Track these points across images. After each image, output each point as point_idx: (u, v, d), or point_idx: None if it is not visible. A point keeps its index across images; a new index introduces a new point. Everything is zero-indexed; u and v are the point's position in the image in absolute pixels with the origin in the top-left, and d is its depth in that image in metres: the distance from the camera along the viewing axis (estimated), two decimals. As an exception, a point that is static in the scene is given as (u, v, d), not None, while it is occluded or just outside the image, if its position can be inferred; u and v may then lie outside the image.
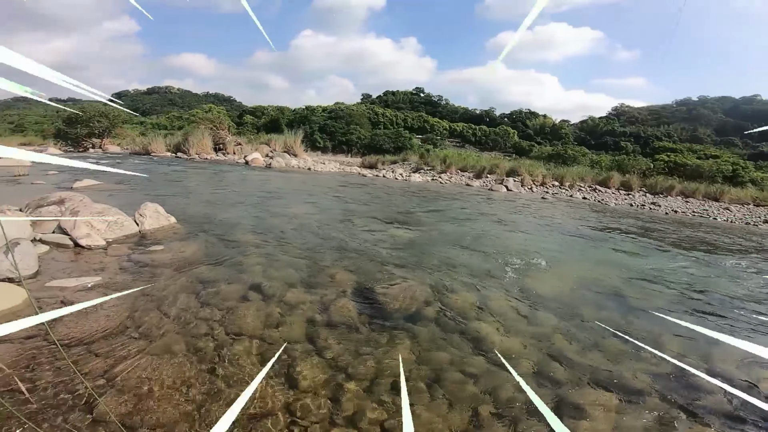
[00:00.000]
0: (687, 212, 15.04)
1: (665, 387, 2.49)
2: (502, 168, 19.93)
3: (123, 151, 23.18)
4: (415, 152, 25.00)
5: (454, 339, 2.83)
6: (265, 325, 2.70)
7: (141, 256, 3.67)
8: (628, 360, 2.78)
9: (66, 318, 2.46)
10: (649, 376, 2.60)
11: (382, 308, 3.18)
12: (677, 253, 6.53)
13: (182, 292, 2.99)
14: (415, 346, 2.67)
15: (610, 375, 2.58)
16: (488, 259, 4.89)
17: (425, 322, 3.04)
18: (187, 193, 8.02)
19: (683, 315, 3.79)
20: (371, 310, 3.12)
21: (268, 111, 46.23)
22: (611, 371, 2.62)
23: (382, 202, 9.16)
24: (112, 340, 2.31)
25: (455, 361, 2.54)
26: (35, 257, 3.18)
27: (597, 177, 20.57)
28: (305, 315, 2.90)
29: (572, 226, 8.34)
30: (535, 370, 2.56)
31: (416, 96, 63.99)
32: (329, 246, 4.71)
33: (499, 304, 3.54)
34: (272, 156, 19.41)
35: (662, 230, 9.22)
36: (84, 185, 7.94)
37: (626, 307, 3.87)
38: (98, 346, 2.23)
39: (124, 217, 4.39)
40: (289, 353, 2.41)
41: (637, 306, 3.89)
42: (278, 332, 2.63)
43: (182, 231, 4.75)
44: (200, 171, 13.47)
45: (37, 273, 3.14)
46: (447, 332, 2.91)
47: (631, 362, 2.75)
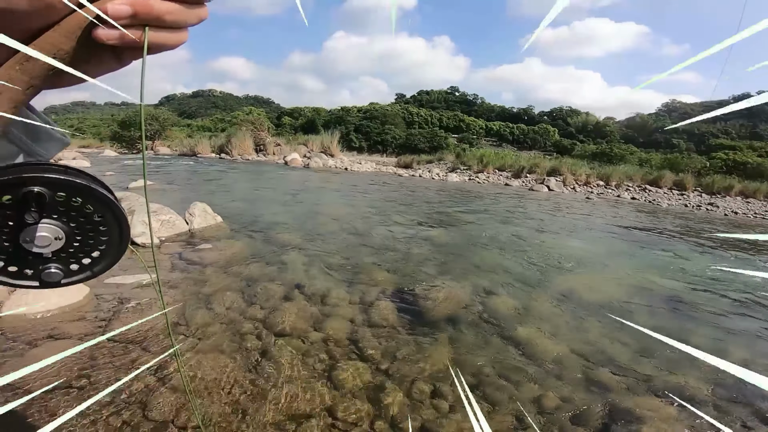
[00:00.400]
0: (748, 213, 13.90)
1: (725, 397, 2.32)
2: (543, 167, 19.23)
3: (172, 152, 24.53)
4: (451, 152, 24.67)
5: (495, 343, 2.76)
6: (307, 324, 2.75)
7: (191, 254, 3.86)
8: (684, 368, 2.62)
9: (125, 312, 2.62)
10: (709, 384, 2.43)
11: (422, 310, 3.15)
12: (739, 258, 6.02)
13: (229, 291, 3.10)
14: (455, 349, 2.63)
15: (665, 383, 2.44)
16: (529, 262, 4.73)
17: (465, 325, 2.98)
18: (232, 193, 8.36)
19: (742, 321, 3.50)
20: (410, 311, 3.10)
21: (304, 112, 47.32)
22: (666, 379, 2.49)
23: (419, 202, 9.11)
24: (164, 336, 2.42)
25: (496, 365, 2.48)
26: None
27: (647, 176, 19.39)
28: (346, 315, 2.93)
29: (620, 228, 7.90)
30: (584, 375, 2.46)
31: (451, 95, 63.22)
32: (368, 245, 4.74)
33: (542, 309, 3.42)
34: (310, 156, 19.84)
35: (719, 233, 8.52)
36: (138, 185, 8.46)
37: (681, 314, 3.63)
38: (150, 343, 2.35)
39: (176, 216, 4.63)
40: (331, 354, 2.44)
41: (692, 313, 3.63)
42: (320, 333, 2.66)
43: (228, 230, 4.95)
44: (242, 171, 14.00)
45: None
46: (488, 336, 2.85)
47: (688, 370, 2.58)
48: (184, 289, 3.08)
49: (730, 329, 3.38)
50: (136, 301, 2.78)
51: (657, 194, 17.25)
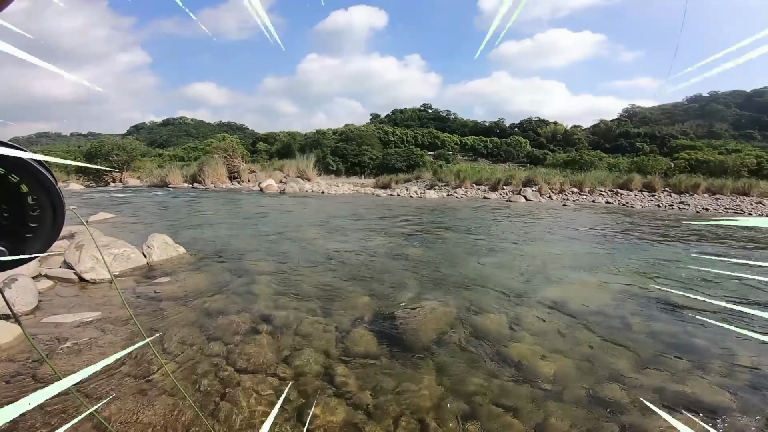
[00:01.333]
0: (719, 209, 14.34)
1: (744, 404, 2.14)
2: (518, 178, 19.54)
3: (142, 183, 23.75)
4: (428, 169, 24.81)
5: (486, 365, 2.52)
6: (277, 359, 2.44)
7: (146, 288, 3.50)
8: (692, 376, 2.44)
9: (59, 353, 2.27)
10: (724, 390, 2.26)
11: (404, 334, 2.89)
12: (719, 254, 6.03)
13: (186, 326, 2.77)
14: (443, 376, 2.37)
15: (676, 394, 2.24)
16: (516, 274, 4.56)
17: (452, 348, 2.74)
18: (200, 223, 7.94)
19: (738, 321, 3.38)
20: (391, 337, 2.84)
21: (280, 137, 47.08)
22: (677, 390, 2.29)
23: (398, 221, 8.91)
24: (106, 379, 2.09)
25: (492, 390, 2.23)
26: (34, 293, 3.10)
27: (617, 180, 19.98)
28: (320, 347, 2.64)
29: (599, 233, 7.90)
30: (587, 393, 2.25)
31: (424, 112, 64.40)
32: (344, 270, 4.47)
33: (533, 323, 3.22)
34: (286, 182, 19.52)
35: (691, 231, 8.65)
36: (99, 219, 7.97)
37: (675, 316, 3.49)
38: (89, 384, 2.01)
39: (131, 249, 4.25)
40: (303, 391, 2.15)
41: (686, 316, 3.49)
42: (291, 367, 2.36)
43: (192, 261, 4.59)
44: (214, 200, 13.55)
45: (35, 309, 3.04)
46: (478, 358, 2.61)
47: (697, 378, 2.40)
48: (133, 326, 2.72)
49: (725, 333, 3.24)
50: (74, 341, 2.43)
51: (629, 197, 17.67)
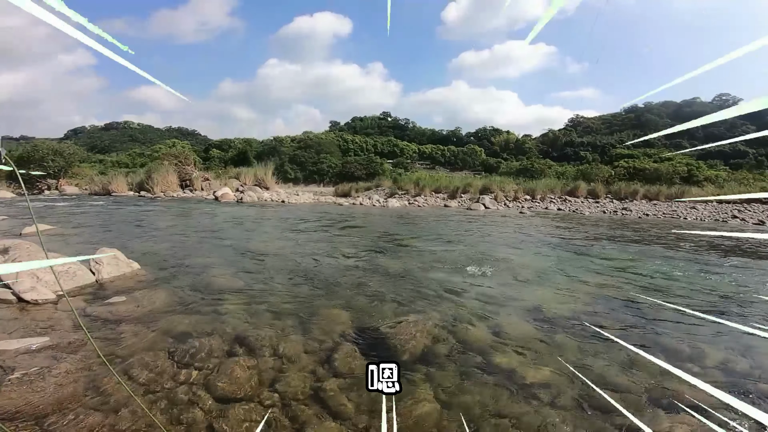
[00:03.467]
0: (658, 214, 15.54)
1: (722, 400, 2.26)
2: (475, 186, 20.17)
3: (81, 191, 21.85)
4: (388, 177, 24.95)
5: (477, 377, 2.48)
6: (259, 384, 2.24)
7: (99, 309, 3.10)
8: (671, 375, 2.52)
9: (7, 385, 1.93)
10: (707, 385, 2.36)
11: (391, 350, 2.77)
12: (667, 256, 6.49)
13: (152, 351, 2.47)
14: (437, 391, 2.29)
15: (663, 393, 2.33)
16: (488, 282, 4.60)
17: (441, 361, 2.67)
18: (152, 236, 7.35)
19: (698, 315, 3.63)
20: (379, 352, 2.72)
21: (235, 144, 45.35)
22: (664, 387, 2.38)
23: (364, 231, 8.80)
24: (69, 415, 1.80)
25: (486, 403, 2.19)
26: None
27: (565, 188, 21.22)
28: (305, 367, 2.45)
29: (560, 239, 8.26)
30: (579, 397, 2.26)
31: (384, 120, 64.92)
32: (318, 284, 4.26)
33: (515, 331, 3.23)
34: (243, 190, 18.78)
35: (642, 234, 9.31)
36: (34, 231, 7.14)
37: (642, 316, 3.68)
38: (46, 423, 1.72)
39: (77, 266, 3.80)
40: (294, 416, 1.98)
41: (651, 314, 3.70)
42: (276, 392, 2.17)
43: (148, 278, 4.18)
44: (165, 210, 12.69)
45: None
46: (468, 370, 2.55)
47: (676, 377, 2.50)
48: (91, 353, 2.39)
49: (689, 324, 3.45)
50: (23, 371, 2.07)
51: (577, 204, 18.80)
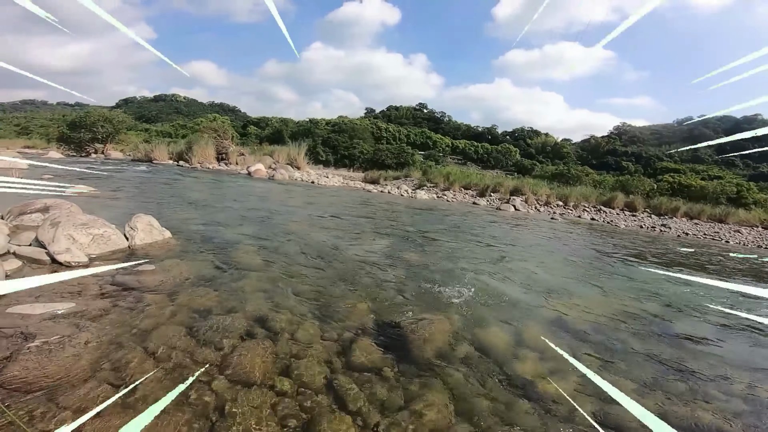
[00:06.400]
0: (698, 234, 14.66)
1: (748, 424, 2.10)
2: (506, 187, 19.61)
3: (125, 157, 22.90)
4: (418, 168, 24.66)
5: (494, 384, 2.40)
6: (275, 369, 2.22)
7: (127, 277, 3.17)
8: (694, 398, 2.44)
9: (26, 353, 1.98)
10: (725, 414, 2.20)
11: (409, 348, 2.71)
12: (708, 278, 6.05)
13: (174, 325, 2.50)
14: (452, 395, 2.22)
15: (679, 418, 2.19)
16: (513, 287, 4.44)
17: (459, 364, 2.58)
18: (186, 205, 7.56)
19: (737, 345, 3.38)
20: (396, 349, 2.65)
21: (272, 122, 46.12)
22: (681, 412, 2.26)
23: (391, 221, 8.71)
24: (81, 387, 1.83)
25: (501, 411, 2.13)
26: (0, 275, 2.69)
27: (601, 197, 20.26)
28: (321, 356, 2.42)
29: (592, 250, 7.89)
30: (596, 415, 2.19)
31: (419, 111, 64.18)
32: (341, 270, 4.23)
33: (535, 340, 3.11)
34: (275, 168, 19.05)
35: (678, 254, 8.76)
36: (77, 192, 7.49)
37: (671, 336, 3.46)
38: (61, 395, 1.75)
39: (113, 230, 3.91)
40: (306, 407, 1.95)
41: (683, 333, 3.47)
42: (291, 379, 2.15)
43: (177, 247, 4.27)
44: (202, 181, 13.07)
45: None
46: (485, 376, 2.48)
47: (699, 400, 2.39)
48: (114, 323, 2.44)
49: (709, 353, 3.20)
50: (44, 339, 2.10)
51: (612, 215, 17.96)
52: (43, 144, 27.32)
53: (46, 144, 27.11)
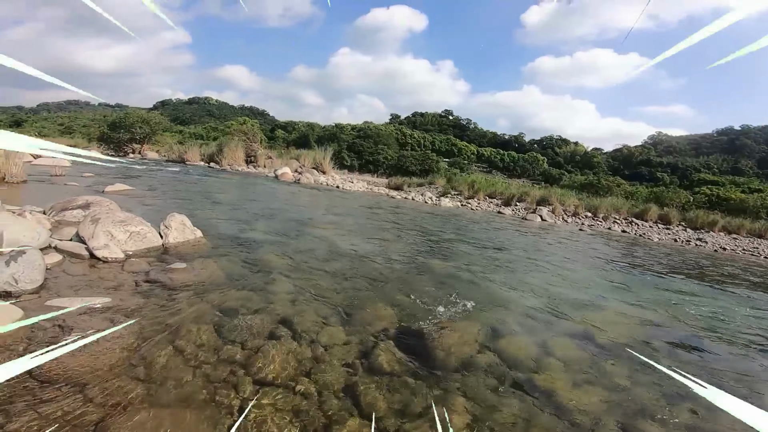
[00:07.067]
0: (736, 250, 13.89)
1: None
2: (533, 196, 19.17)
3: (160, 157, 23.83)
4: (442, 176, 24.53)
5: (515, 394, 2.36)
6: (298, 371, 2.25)
7: (160, 274, 3.30)
8: (721, 414, 2.29)
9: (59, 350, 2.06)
10: None
11: (429, 354, 2.70)
12: (745, 296, 5.72)
13: (202, 324, 2.58)
14: (471, 403, 2.20)
15: None
16: (541, 299, 4.33)
17: (479, 372, 2.56)
18: (216, 205, 7.80)
19: None
20: (416, 355, 2.65)
21: (299, 126, 47.11)
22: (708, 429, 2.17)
23: (416, 228, 8.69)
24: (111, 381, 1.90)
25: (521, 422, 2.09)
26: (42, 269, 2.80)
27: (633, 209, 19.48)
28: (342, 360, 2.45)
29: (622, 263, 7.61)
30: (621, 429, 2.12)
31: (445, 118, 63.97)
32: (364, 275, 4.25)
33: (560, 351, 3.05)
34: (301, 171, 19.38)
35: (716, 269, 8.31)
36: (115, 190, 7.86)
37: (707, 354, 3.29)
38: (92, 389, 1.83)
39: (148, 228, 4.08)
40: (326, 410, 1.97)
41: (719, 352, 3.30)
42: (312, 382, 2.17)
43: (207, 247, 4.41)
44: (231, 182, 13.47)
45: (41, 287, 2.75)
46: (506, 385, 2.44)
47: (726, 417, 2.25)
48: (146, 319, 2.53)
49: None
50: (80, 332, 2.20)
51: (645, 228, 17.25)
52: (85, 143, 28.85)
53: (87, 143, 28.63)
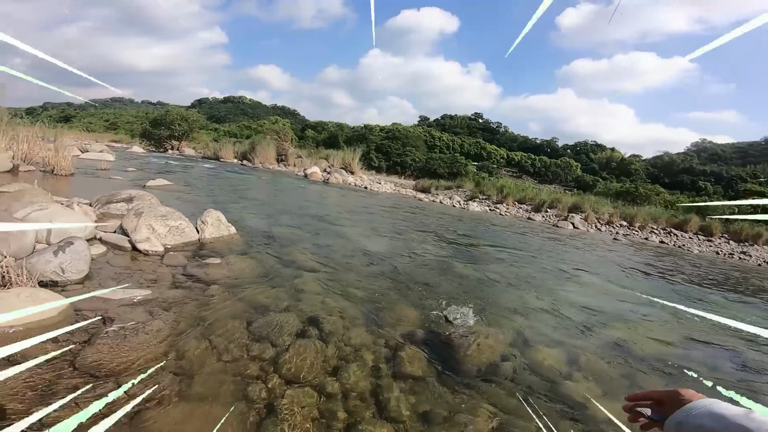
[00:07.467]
0: (783, 263, 12.96)
1: None
2: (564, 203, 18.58)
3: (196, 154, 24.76)
4: (470, 179, 24.21)
5: (542, 403, 2.31)
6: (324, 371, 2.29)
7: (196, 269, 3.43)
8: None
9: (104, 337, 2.13)
10: None
11: (456, 360, 2.68)
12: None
13: (235, 319, 2.66)
14: (497, 410, 2.17)
15: None
16: (572, 308, 4.21)
17: (506, 380, 2.52)
18: (249, 202, 8.04)
19: None
20: (442, 360, 2.63)
21: (328, 127, 47.70)
22: None
23: (444, 231, 8.62)
24: (147, 374, 1.95)
25: (548, 431, 2.02)
26: (87, 260, 2.92)
27: (672, 219, 18.49)
28: (368, 361, 2.46)
29: (661, 276, 7.26)
30: None
31: (474, 121, 63.13)
32: (392, 277, 4.26)
33: (591, 362, 2.97)
34: (330, 171, 19.66)
35: (762, 283, 7.77)
36: (156, 184, 8.24)
37: (745, 369, 3.13)
38: (128, 379, 1.88)
39: (186, 223, 4.25)
40: (351, 411, 1.98)
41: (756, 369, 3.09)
42: (338, 382, 2.20)
43: (241, 243, 4.54)
44: (262, 180, 13.82)
45: (85, 278, 2.87)
46: (534, 394, 2.39)
47: None
48: (182, 312, 2.64)
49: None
50: (120, 324, 2.30)
51: (684, 239, 16.37)
52: (128, 139, 30.43)
53: (130, 139, 30.18)
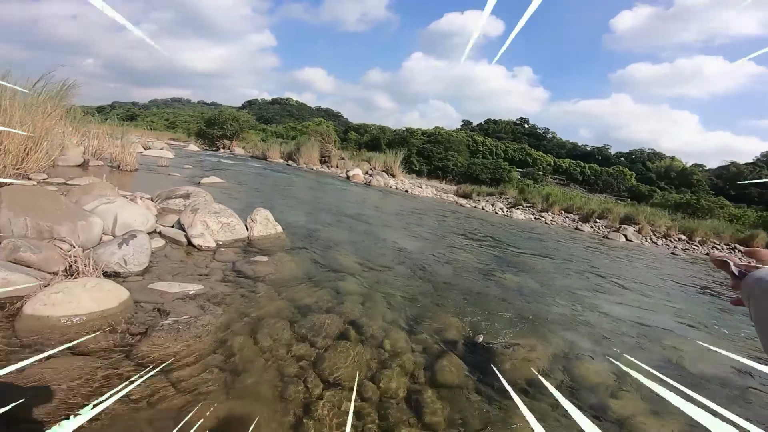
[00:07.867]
0: None
1: None
2: (616, 213, 17.50)
3: (246, 153, 25.94)
4: (514, 186, 23.47)
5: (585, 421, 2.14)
6: (362, 375, 2.31)
7: (245, 266, 3.59)
8: None
9: (159, 330, 2.25)
10: None
11: (495, 371, 2.61)
12: None
13: (279, 318, 2.76)
14: (534, 426, 2.04)
15: None
16: (621, 323, 3.98)
17: (547, 394, 2.40)
18: (294, 202, 8.30)
19: None
20: (481, 371, 2.58)
21: (370, 129, 48.16)
22: None
23: (486, 237, 8.45)
24: (196, 369, 2.04)
25: None
26: (148, 253, 3.10)
27: (737, 235, 16.83)
28: (406, 367, 2.46)
29: (722, 292, 6.65)
30: None
31: (520, 126, 61.29)
32: (433, 283, 4.23)
33: (639, 380, 2.70)
34: (372, 174, 19.84)
35: None
36: (210, 182, 8.72)
37: None
38: (177, 374, 1.97)
39: (237, 220, 4.47)
40: (386, 417, 1.98)
41: None
42: (376, 387, 2.21)
43: (287, 242, 4.70)
44: (307, 180, 14.22)
45: (145, 270, 3.04)
46: (576, 410, 2.23)
47: None
48: (231, 308, 2.76)
49: None
50: (175, 318, 2.43)
51: (754, 260, 14.92)
52: (185, 137, 32.47)
53: (187, 137, 32.18)
